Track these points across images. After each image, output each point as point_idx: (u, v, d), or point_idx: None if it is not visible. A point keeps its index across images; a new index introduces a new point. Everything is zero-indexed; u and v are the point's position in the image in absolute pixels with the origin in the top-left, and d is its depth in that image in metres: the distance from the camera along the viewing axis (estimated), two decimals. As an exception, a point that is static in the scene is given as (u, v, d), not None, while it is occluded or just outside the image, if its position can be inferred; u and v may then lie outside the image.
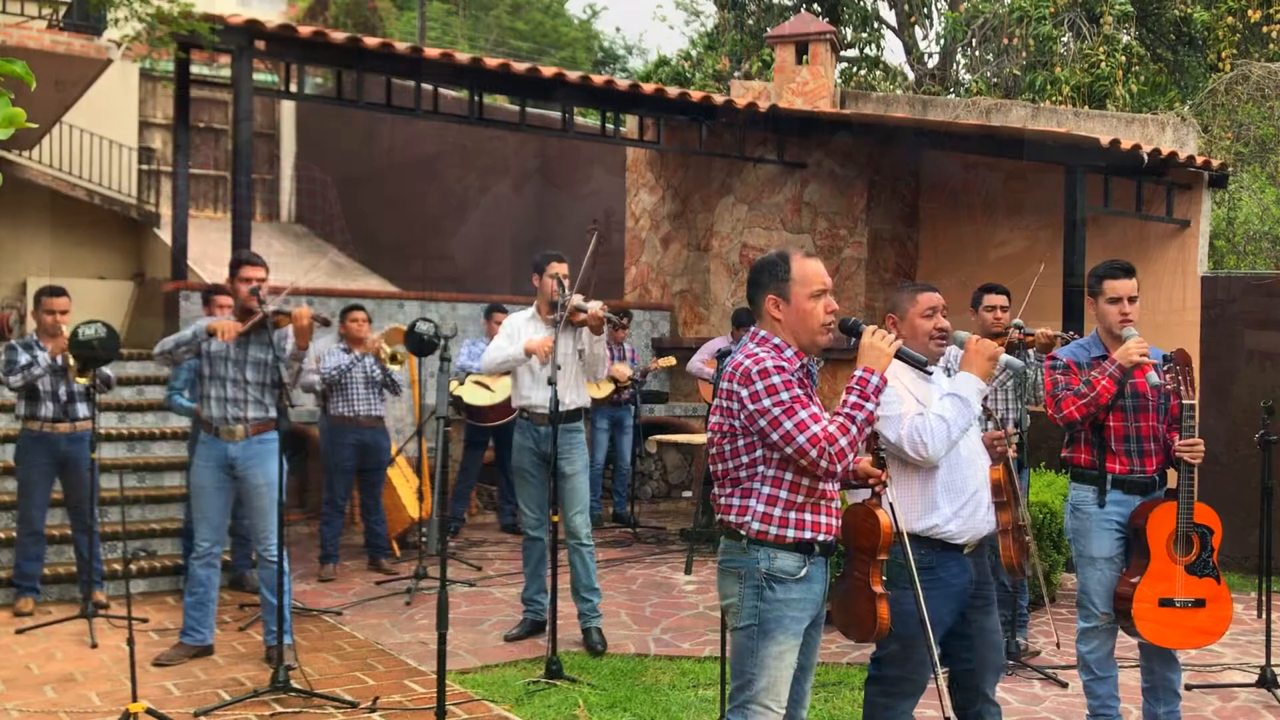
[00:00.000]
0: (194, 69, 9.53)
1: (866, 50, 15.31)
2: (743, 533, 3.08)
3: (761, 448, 3.06)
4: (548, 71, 9.46)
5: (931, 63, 15.49)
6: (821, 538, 3.11)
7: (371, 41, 8.73)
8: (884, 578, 3.27)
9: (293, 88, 8.94)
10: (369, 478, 7.54)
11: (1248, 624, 6.37)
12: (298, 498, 8.90)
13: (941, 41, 15.16)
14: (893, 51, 39.78)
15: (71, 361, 5.99)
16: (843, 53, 14.49)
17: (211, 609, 5.49)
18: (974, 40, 13.74)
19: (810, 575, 3.10)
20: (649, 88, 9.86)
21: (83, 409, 6.26)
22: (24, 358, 6.15)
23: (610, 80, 9.89)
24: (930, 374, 3.39)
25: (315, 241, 18.15)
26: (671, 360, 9.42)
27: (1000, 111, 9.90)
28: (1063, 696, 5.06)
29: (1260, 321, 8.02)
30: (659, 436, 9.53)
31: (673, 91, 9.99)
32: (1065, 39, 12.58)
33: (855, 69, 15.18)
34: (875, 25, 15.34)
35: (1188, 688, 4.79)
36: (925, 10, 15.41)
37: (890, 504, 3.31)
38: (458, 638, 5.79)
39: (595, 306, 5.55)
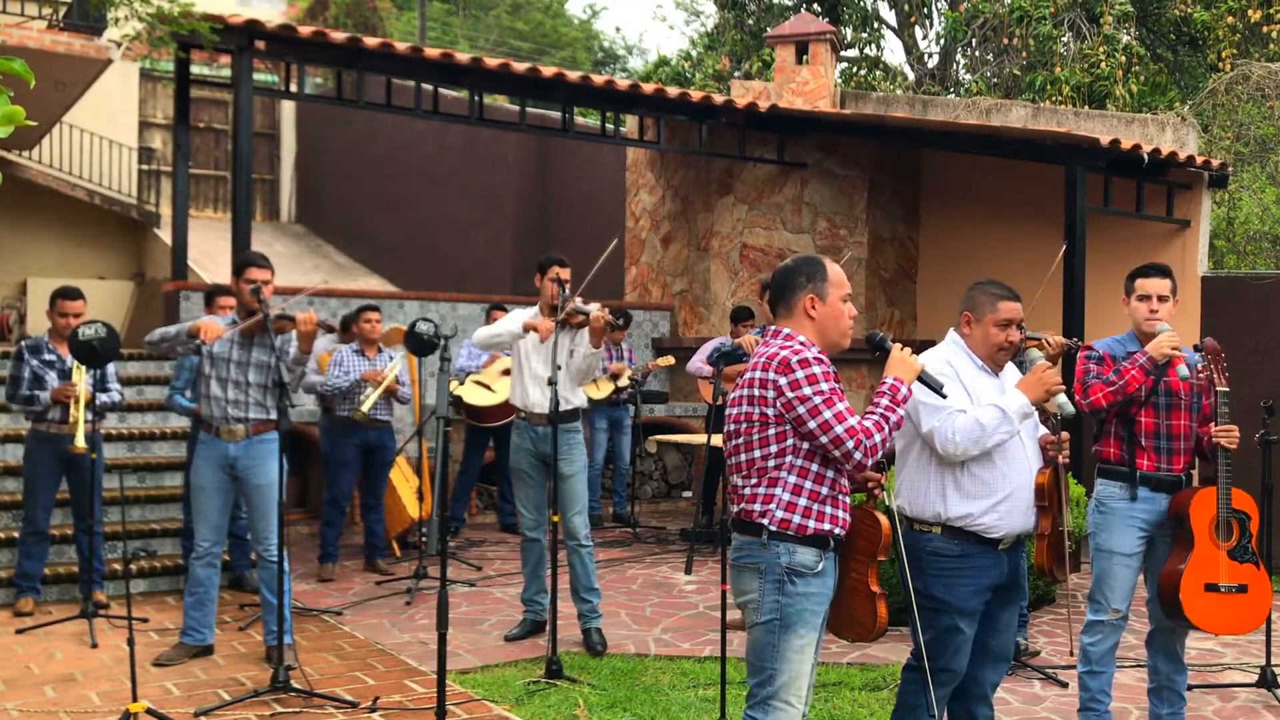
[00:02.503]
0: (194, 69, 9.52)
1: (866, 50, 15.31)
2: (765, 522, 3.12)
3: (792, 437, 3.11)
4: (548, 71, 9.46)
5: (931, 63, 15.49)
6: (837, 531, 3.17)
7: (371, 41, 8.74)
8: (880, 578, 3.31)
9: (293, 88, 8.94)
10: (372, 477, 7.53)
11: (1248, 624, 6.36)
12: (298, 498, 8.91)
13: (941, 41, 15.16)
14: (893, 51, 39.77)
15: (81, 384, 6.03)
16: (843, 53, 14.49)
17: (211, 609, 5.48)
18: (974, 40, 13.74)
19: (825, 570, 3.16)
20: (649, 88, 9.86)
21: (89, 411, 6.27)
22: (26, 390, 6.18)
23: (610, 80, 9.90)
24: (945, 397, 3.39)
25: (315, 241, 18.15)
26: (670, 359, 9.42)
27: (1000, 111, 9.90)
28: (1063, 696, 5.06)
29: (1260, 321, 8.02)
30: (659, 436, 9.53)
31: (673, 91, 9.99)
32: (1065, 39, 12.58)
33: (855, 69, 15.18)
34: (875, 25, 15.35)
35: (1188, 688, 4.79)
36: (925, 10, 15.41)
37: (889, 507, 3.33)
38: (458, 638, 5.79)
39: (595, 309, 5.54)
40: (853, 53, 15.24)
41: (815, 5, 15.16)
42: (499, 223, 14.48)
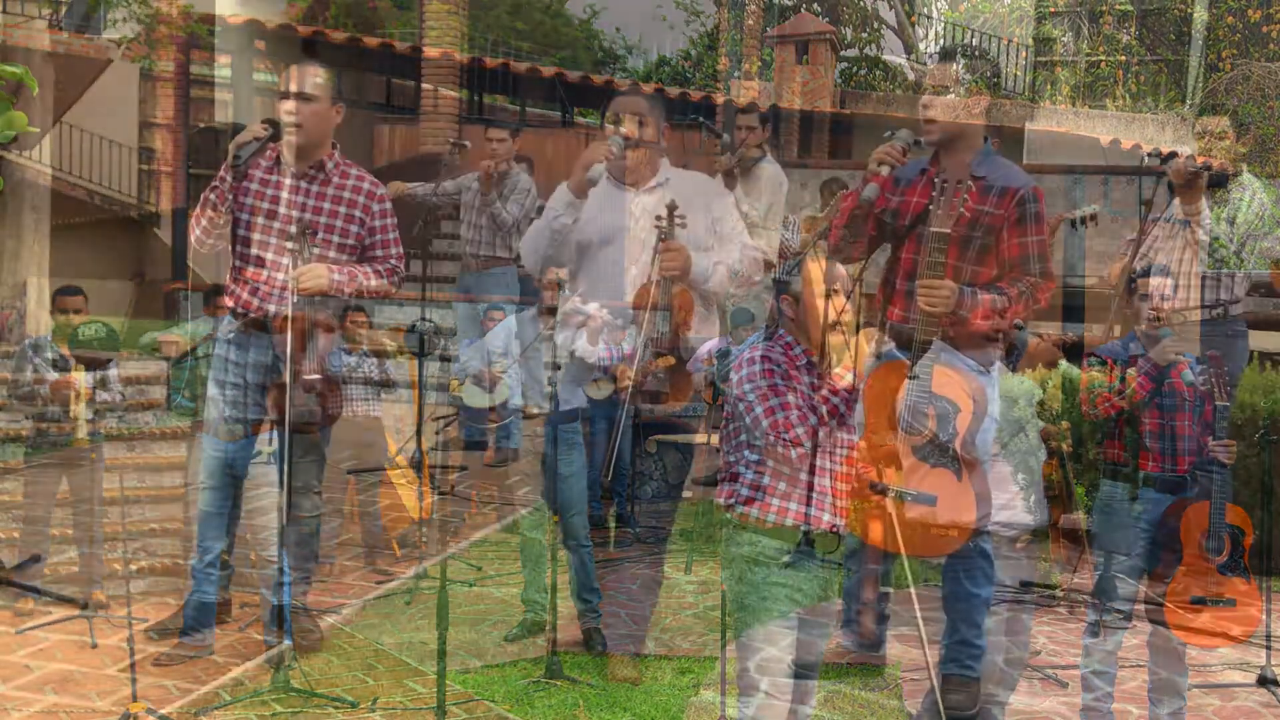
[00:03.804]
0: (194, 69, 9.52)
1: (866, 50, 15.30)
2: (728, 516, 3.23)
3: (744, 433, 3.22)
4: (548, 71, 9.46)
5: (931, 63, 15.47)
6: (806, 528, 3.16)
7: (371, 41, 8.74)
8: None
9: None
10: (366, 479, 7.52)
11: (1248, 624, 6.36)
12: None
13: (941, 41, 15.15)
14: (893, 51, 39.76)
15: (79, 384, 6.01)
16: (843, 53, 14.48)
17: (211, 609, 5.48)
18: (974, 40, 13.73)
19: (796, 563, 3.16)
20: (649, 87, 9.85)
21: (89, 409, 6.26)
22: (27, 387, 6.16)
23: (610, 80, 9.89)
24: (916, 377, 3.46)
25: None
26: (670, 360, 9.41)
27: (1000, 111, 9.89)
28: (1062, 697, 5.05)
29: (1260, 321, 8.01)
30: (659, 436, 9.51)
31: (673, 91, 9.99)
32: (1065, 39, 12.58)
33: (855, 69, 15.17)
34: (875, 25, 15.34)
35: (1188, 688, 4.79)
36: (925, 10, 15.41)
37: (899, 490, 3.38)
38: (458, 638, 5.78)
39: (593, 308, 5.54)
40: (853, 53, 15.23)
41: (815, 5, 15.16)
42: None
